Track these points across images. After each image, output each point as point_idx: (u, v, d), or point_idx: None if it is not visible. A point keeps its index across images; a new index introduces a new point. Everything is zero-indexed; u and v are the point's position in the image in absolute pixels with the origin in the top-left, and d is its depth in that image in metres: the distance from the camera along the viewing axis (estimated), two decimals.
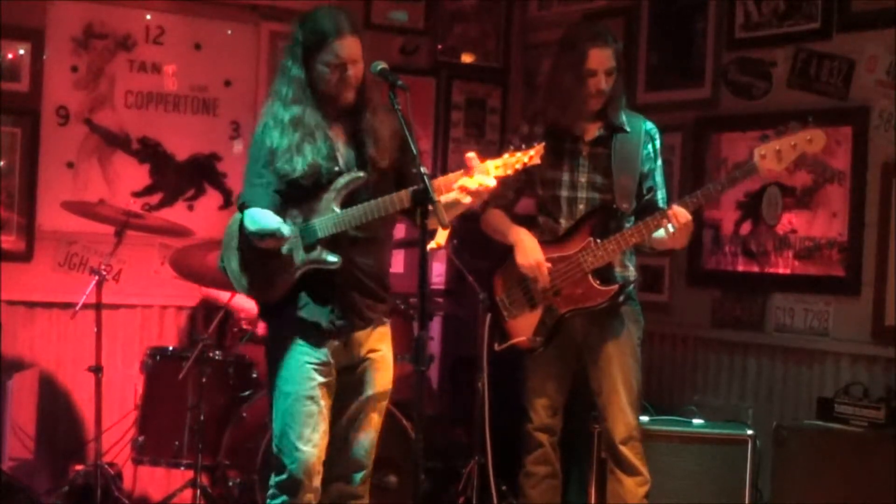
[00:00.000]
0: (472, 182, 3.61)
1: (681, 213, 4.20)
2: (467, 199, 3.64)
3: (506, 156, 3.66)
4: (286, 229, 3.65)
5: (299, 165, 3.70)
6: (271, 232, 3.64)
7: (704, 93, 5.52)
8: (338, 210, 3.70)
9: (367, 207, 3.68)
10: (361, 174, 3.76)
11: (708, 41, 5.51)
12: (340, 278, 3.75)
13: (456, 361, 6.18)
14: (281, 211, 3.72)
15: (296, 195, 3.75)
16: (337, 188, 3.73)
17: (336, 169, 3.76)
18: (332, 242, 3.72)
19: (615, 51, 4.40)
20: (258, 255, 3.74)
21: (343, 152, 3.80)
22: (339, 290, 3.76)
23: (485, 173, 3.62)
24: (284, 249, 3.70)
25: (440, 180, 3.65)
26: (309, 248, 3.71)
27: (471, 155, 3.64)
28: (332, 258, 3.70)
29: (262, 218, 3.68)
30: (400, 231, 4.03)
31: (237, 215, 3.86)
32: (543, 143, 3.71)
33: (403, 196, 3.63)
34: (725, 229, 5.38)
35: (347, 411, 3.85)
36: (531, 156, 3.66)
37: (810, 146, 4.12)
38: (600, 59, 4.35)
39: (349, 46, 3.72)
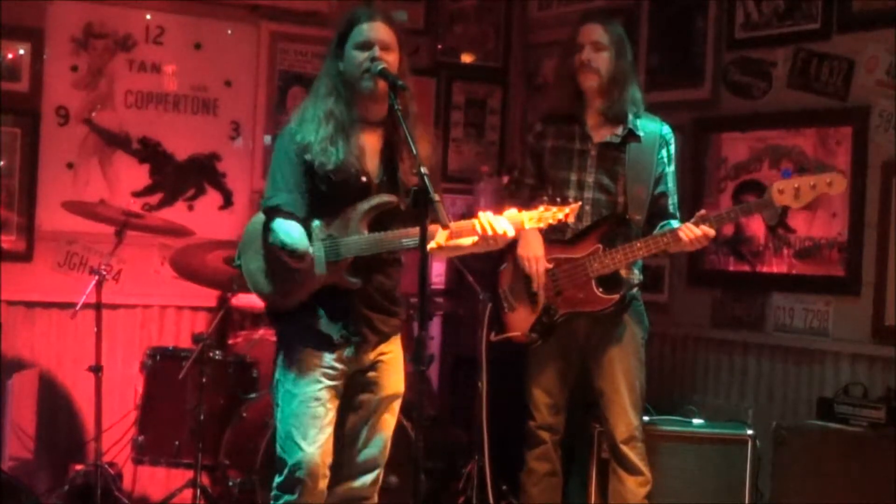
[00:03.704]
0: (497, 224, 3.59)
1: (698, 233, 4.21)
2: (490, 242, 3.63)
3: (542, 209, 3.66)
4: (310, 251, 3.61)
5: (333, 158, 3.65)
6: (299, 253, 3.59)
7: (704, 93, 5.52)
8: (365, 233, 3.67)
9: (394, 236, 3.65)
10: (391, 199, 3.72)
11: (708, 41, 5.51)
12: (357, 296, 3.73)
13: (456, 361, 6.18)
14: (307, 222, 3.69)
15: (320, 204, 3.70)
16: (365, 210, 3.68)
17: (364, 179, 3.71)
18: (356, 262, 3.69)
19: (607, 29, 4.45)
20: (280, 262, 3.69)
21: (372, 163, 3.75)
22: (355, 307, 3.75)
23: (519, 224, 3.62)
24: (307, 265, 3.66)
25: (454, 225, 3.60)
26: (331, 266, 3.67)
27: (513, 210, 3.63)
28: (354, 279, 3.68)
29: (296, 234, 3.61)
30: None
31: (260, 216, 3.77)
32: (580, 203, 3.77)
33: (431, 231, 3.57)
34: (726, 230, 5.37)
35: (360, 412, 3.85)
36: (566, 213, 3.67)
37: (829, 189, 4.17)
38: (586, 32, 4.43)
39: (378, 29, 3.70)
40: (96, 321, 5.13)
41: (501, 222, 3.60)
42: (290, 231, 3.61)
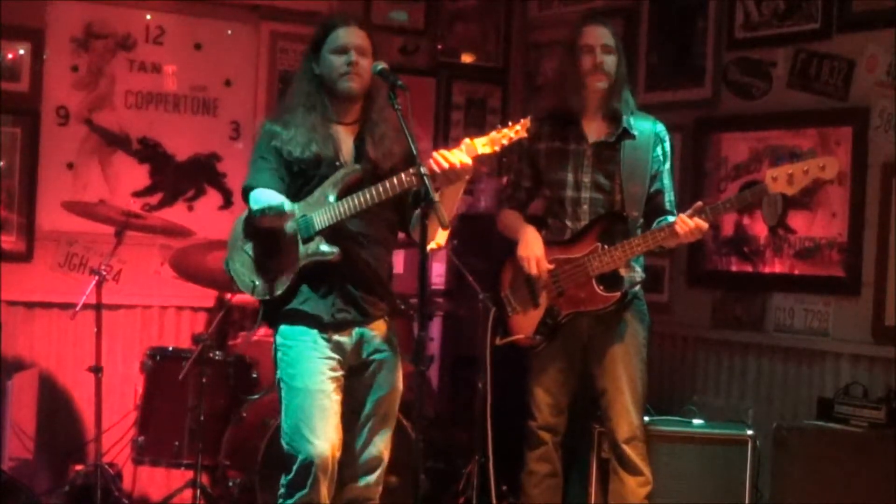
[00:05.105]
0: (450, 156, 3.65)
1: (692, 224, 4.21)
2: (451, 176, 3.67)
3: (493, 133, 3.72)
4: (289, 205, 3.70)
5: (298, 147, 3.76)
6: (274, 208, 3.67)
7: (704, 93, 5.52)
8: (333, 201, 3.73)
9: (362, 195, 3.70)
10: (358, 167, 3.79)
11: (708, 41, 5.51)
12: (340, 272, 3.77)
13: (456, 361, 6.17)
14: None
15: (293, 190, 3.79)
16: (334, 182, 3.76)
17: (337, 164, 3.80)
18: (333, 237, 3.74)
19: (611, 31, 4.47)
20: (260, 251, 3.77)
21: (346, 150, 3.84)
22: (339, 283, 3.79)
23: (473, 151, 3.67)
24: (295, 238, 3.73)
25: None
26: (306, 241, 3.72)
27: (466, 140, 3.71)
28: (327, 248, 3.72)
29: (266, 195, 3.73)
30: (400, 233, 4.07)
31: (242, 216, 3.88)
32: (530, 117, 3.77)
33: (403, 178, 3.65)
34: (726, 230, 5.38)
35: (362, 413, 3.86)
36: (517, 130, 3.72)
37: (823, 173, 4.17)
38: (595, 34, 4.44)
39: (354, 34, 3.81)
40: (96, 321, 5.14)
41: (455, 153, 3.67)
42: (260, 197, 3.72)
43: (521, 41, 6.56)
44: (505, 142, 3.71)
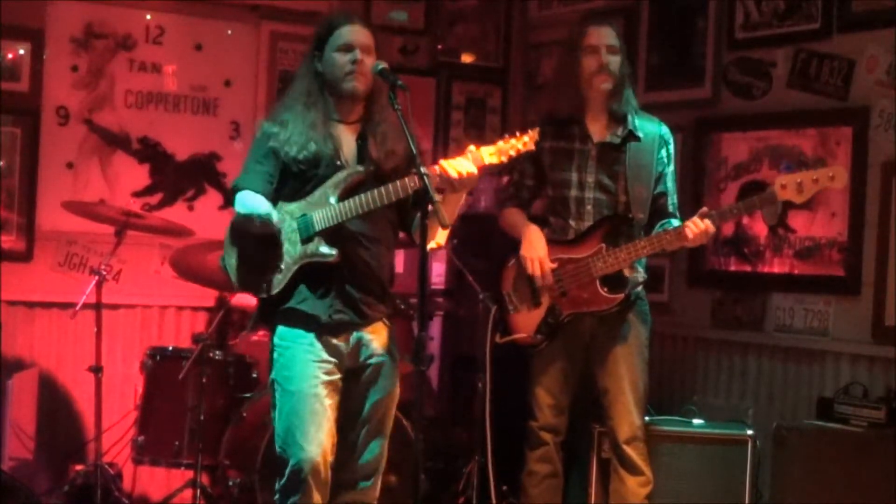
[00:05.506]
0: (455, 165, 3.63)
1: (702, 227, 4.22)
2: (456, 185, 3.65)
3: (500, 142, 3.69)
4: (275, 215, 3.68)
5: (295, 147, 3.74)
6: (260, 216, 3.66)
7: (704, 93, 5.52)
8: (334, 202, 3.72)
9: (363, 197, 3.69)
10: (361, 168, 3.77)
11: (708, 41, 5.51)
12: (339, 272, 3.75)
13: (456, 361, 6.18)
14: (274, 204, 3.75)
15: (292, 189, 3.78)
16: (335, 182, 3.74)
17: (337, 163, 3.78)
18: (333, 238, 3.72)
19: (616, 31, 4.47)
20: (255, 249, 3.75)
21: (348, 149, 3.82)
22: (338, 283, 3.76)
23: (480, 160, 3.65)
24: (281, 241, 3.71)
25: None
26: (306, 242, 3.71)
27: (471, 147, 3.69)
28: (327, 250, 3.70)
29: (252, 201, 3.72)
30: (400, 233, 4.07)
31: None
32: (538, 129, 3.73)
33: (407, 183, 3.64)
34: (726, 229, 5.37)
35: (358, 417, 3.84)
36: (525, 141, 3.69)
37: (832, 182, 4.19)
38: (600, 35, 4.43)
39: (359, 32, 3.79)
40: (96, 321, 5.13)
41: (461, 162, 3.65)
42: (243, 201, 3.73)
43: (521, 41, 6.56)
44: (512, 153, 3.67)
